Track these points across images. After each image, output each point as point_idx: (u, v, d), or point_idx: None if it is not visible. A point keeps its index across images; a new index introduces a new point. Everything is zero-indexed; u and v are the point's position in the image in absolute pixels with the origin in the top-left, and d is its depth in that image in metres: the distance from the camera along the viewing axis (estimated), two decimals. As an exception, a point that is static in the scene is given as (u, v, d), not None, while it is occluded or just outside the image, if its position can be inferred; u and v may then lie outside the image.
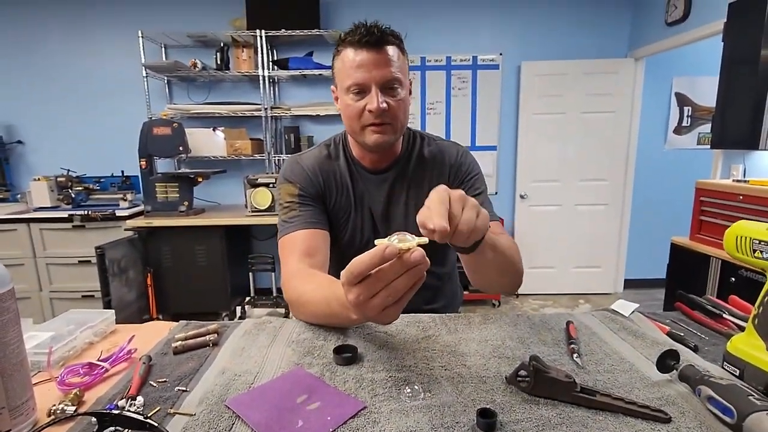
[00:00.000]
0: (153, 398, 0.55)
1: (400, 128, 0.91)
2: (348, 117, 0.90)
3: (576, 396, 0.53)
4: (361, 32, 0.83)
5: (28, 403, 0.50)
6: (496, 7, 3.38)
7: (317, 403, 0.54)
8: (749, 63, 2.13)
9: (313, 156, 1.01)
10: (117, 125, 3.37)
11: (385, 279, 0.49)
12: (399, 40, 0.88)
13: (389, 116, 0.87)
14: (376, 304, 0.50)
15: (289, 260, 0.87)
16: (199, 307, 2.96)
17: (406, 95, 0.90)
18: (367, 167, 0.99)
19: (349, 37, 0.85)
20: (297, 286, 0.79)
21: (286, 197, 0.95)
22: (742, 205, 1.88)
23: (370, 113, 0.85)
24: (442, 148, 1.02)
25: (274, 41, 3.29)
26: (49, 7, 3.24)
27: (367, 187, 0.99)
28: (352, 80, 0.85)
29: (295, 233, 0.90)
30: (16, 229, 2.88)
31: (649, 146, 3.57)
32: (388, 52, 0.84)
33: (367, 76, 0.83)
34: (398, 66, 0.86)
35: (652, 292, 3.59)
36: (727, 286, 1.88)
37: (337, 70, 0.90)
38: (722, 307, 0.79)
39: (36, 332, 0.71)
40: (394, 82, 0.85)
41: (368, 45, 0.83)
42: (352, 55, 0.84)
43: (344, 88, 0.87)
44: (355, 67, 0.84)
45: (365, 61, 0.83)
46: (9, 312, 0.48)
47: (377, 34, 0.83)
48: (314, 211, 0.94)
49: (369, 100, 0.85)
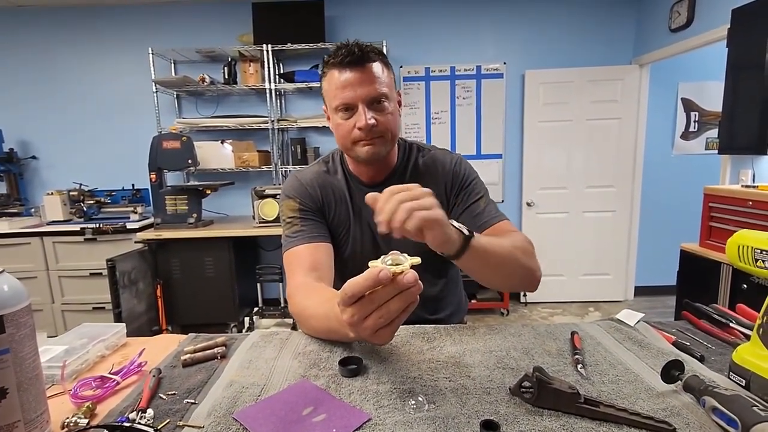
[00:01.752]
0: (163, 411, 0.57)
1: (391, 139, 0.92)
2: (340, 135, 0.92)
3: (580, 407, 0.53)
4: (343, 53, 0.85)
5: (43, 416, 0.52)
6: (498, 17, 3.41)
7: (323, 415, 0.55)
8: (754, 68, 2.12)
9: (312, 172, 1.03)
10: (128, 140, 3.45)
11: (378, 301, 0.51)
12: (381, 55, 0.90)
13: (379, 131, 0.89)
14: (369, 324, 0.52)
15: (295, 275, 0.89)
16: (208, 318, 2.98)
17: (394, 108, 0.91)
18: (364, 181, 1.00)
19: (332, 59, 0.88)
20: (300, 301, 0.81)
21: (288, 212, 0.98)
22: (752, 211, 1.86)
23: (360, 130, 0.87)
24: (435, 157, 1.03)
25: (281, 55, 3.35)
26: (64, 26, 3.35)
27: (364, 201, 1.01)
28: (339, 100, 0.87)
29: (299, 248, 0.92)
30: (30, 243, 2.94)
31: (657, 152, 3.55)
32: (371, 69, 0.86)
33: (353, 94, 0.85)
34: (382, 81, 0.87)
35: (664, 299, 3.54)
36: (738, 293, 1.85)
37: (325, 92, 0.92)
38: (729, 315, 0.79)
39: (50, 346, 0.72)
40: (380, 97, 0.87)
41: (351, 64, 0.85)
42: (337, 75, 0.87)
43: (333, 108, 0.90)
44: (341, 87, 0.86)
45: (350, 80, 0.85)
46: (26, 327, 0.50)
47: (358, 53, 0.85)
48: (316, 225, 0.96)
49: (357, 118, 0.87)
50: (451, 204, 1.00)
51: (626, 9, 3.40)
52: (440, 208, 0.62)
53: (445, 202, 1.00)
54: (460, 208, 0.98)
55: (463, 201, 0.98)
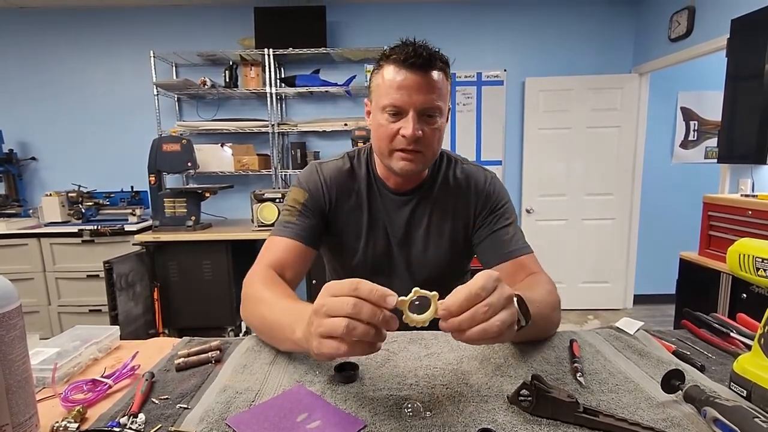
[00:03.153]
0: (154, 415, 0.56)
1: (431, 157, 0.87)
2: (378, 137, 0.85)
3: (578, 416, 0.52)
4: (408, 52, 0.78)
5: (32, 420, 0.51)
6: (499, 24, 3.43)
7: (317, 422, 0.54)
8: (754, 78, 2.13)
9: (334, 167, 0.96)
10: (128, 142, 3.45)
11: (357, 313, 0.48)
12: (446, 64, 0.84)
13: (422, 145, 0.82)
14: (331, 322, 0.49)
15: (265, 260, 0.87)
16: (205, 321, 2.97)
17: (442, 123, 0.85)
18: (389, 186, 0.95)
19: (394, 54, 0.80)
20: (260, 288, 0.78)
21: (292, 200, 0.94)
22: (751, 220, 1.86)
23: (404, 138, 0.81)
24: (469, 173, 0.97)
25: (282, 59, 3.36)
26: (65, 28, 3.36)
27: (386, 209, 0.95)
28: (390, 100, 0.80)
29: (284, 240, 0.89)
30: (27, 244, 2.92)
31: (656, 160, 3.56)
32: (433, 77, 0.80)
33: (407, 99, 0.79)
34: (441, 93, 0.81)
35: (664, 308, 3.53)
36: (738, 302, 1.84)
37: (375, 86, 0.85)
38: (729, 325, 0.78)
39: (42, 348, 0.71)
40: (434, 110, 0.81)
41: (413, 67, 0.78)
42: (393, 73, 0.80)
43: (380, 107, 0.83)
44: (396, 88, 0.79)
45: (407, 83, 0.79)
46: (15, 329, 0.49)
47: (425, 56, 0.78)
48: (310, 226, 0.92)
49: (404, 125, 0.80)
50: (478, 225, 0.96)
51: (626, 18, 3.42)
52: (514, 317, 0.54)
53: (471, 223, 0.97)
54: (487, 230, 0.94)
55: (490, 224, 0.94)
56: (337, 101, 3.48)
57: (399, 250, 0.96)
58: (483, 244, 0.94)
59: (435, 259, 0.96)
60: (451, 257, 0.98)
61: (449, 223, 0.96)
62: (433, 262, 0.97)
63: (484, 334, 0.51)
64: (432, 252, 0.96)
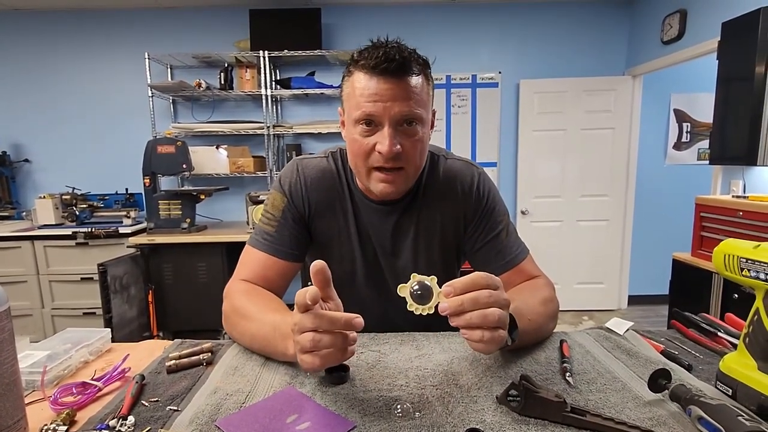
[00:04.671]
0: (144, 418, 0.55)
1: (413, 174, 0.79)
2: (353, 153, 0.77)
3: (566, 416, 0.52)
4: (379, 56, 0.69)
5: (20, 423, 0.51)
6: (494, 26, 3.45)
7: (307, 423, 0.54)
8: (744, 80, 2.15)
9: (317, 168, 0.88)
10: (122, 144, 3.44)
11: (319, 325, 0.52)
12: (424, 65, 0.75)
13: (402, 160, 0.74)
14: (302, 338, 0.53)
15: (242, 275, 0.85)
16: (200, 324, 2.95)
17: (425, 133, 0.75)
18: (371, 198, 0.86)
19: (362, 60, 0.71)
20: (244, 303, 0.76)
21: (271, 206, 0.87)
22: (742, 221, 1.88)
23: (380, 155, 0.72)
24: (455, 172, 0.88)
25: (277, 61, 3.36)
26: (60, 30, 3.35)
27: (370, 219, 0.88)
28: (362, 111, 0.71)
29: (262, 254, 0.85)
30: (20, 247, 2.90)
31: (650, 162, 3.58)
32: (409, 82, 0.71)
33: (381, 110, 0.70)
34: (420, 99, 0.72)
35: (657, 309, 3.55)
36: (730, 302, 1.86)
37: (346, 95, 0.76)
38: (717, 325, 0.79)
39: (32, 351, 0.71)
40: (413, 120, 0.72)
41: (385, 73, 0.69)
42: (365, 81, 0.71)
43: (352, 119, 0.74)
44: (367, 97, 0.70)
45: (380, 91, 0.70)
46: (4, 332, 0.49)
47: (398, 60, 0.69)
48: (290, 236, 0.85)
49: (380, 139, 0.72)
50: (470, 232, 0.89)
51: (619, 21, 3.45)
52: (507, 320, 0.57)
53: (461, 229, 0.90)
54: (480, 241, 0.88)
55: (483, 233, 0.87)
56: (332, 103, 3.49)
57: (387, 261, 0.90)
58: (478, 255, 0.89)
59: (426, 269, 0.90)
60: (443, 266, 0.93)
61: (438, 231, 0.90)
62: (425, 272, 0.96)
63: (484, 319, 0.53)
64: (423, 262, 0.90)
